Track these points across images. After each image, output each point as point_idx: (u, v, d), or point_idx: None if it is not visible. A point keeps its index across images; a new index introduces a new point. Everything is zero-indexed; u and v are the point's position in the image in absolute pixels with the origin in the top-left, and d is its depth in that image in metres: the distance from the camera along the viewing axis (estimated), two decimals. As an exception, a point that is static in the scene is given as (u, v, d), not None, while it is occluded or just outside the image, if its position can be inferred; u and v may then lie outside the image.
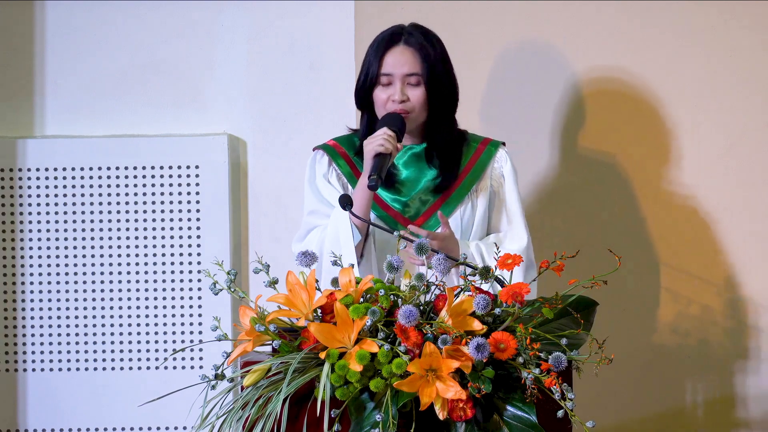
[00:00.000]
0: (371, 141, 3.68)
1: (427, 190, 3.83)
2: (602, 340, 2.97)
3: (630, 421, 4.56)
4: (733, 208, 4.54)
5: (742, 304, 4.55)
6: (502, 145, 3.90)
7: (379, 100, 3.78)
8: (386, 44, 3.79)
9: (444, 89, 3.79)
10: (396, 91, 3.76)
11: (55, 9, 4.74)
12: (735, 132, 4.55)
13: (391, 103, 3.76)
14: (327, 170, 3.86)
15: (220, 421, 3.00)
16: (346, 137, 3.91)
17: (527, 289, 2.98)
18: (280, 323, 3.05)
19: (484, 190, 3.86)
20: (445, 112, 3.82)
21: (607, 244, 4.48)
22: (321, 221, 3.78)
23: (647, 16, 4.55)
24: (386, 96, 3.77)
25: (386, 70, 3.77)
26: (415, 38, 3.79)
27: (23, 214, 4.70)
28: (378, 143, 3.66)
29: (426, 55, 3.77)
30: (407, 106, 3.76)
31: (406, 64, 3.77)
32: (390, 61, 3.78)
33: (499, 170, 3.88)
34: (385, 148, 3.66)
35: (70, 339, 4.70)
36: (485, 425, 2.97)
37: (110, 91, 4.75)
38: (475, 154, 3.87)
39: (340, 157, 3.86)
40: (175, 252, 4.69)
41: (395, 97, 3.76)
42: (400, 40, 3.80)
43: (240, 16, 4.71)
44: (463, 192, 3.84)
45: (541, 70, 4.57)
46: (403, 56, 3.78)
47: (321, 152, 3.88)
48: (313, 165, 3.88)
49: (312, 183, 3.86)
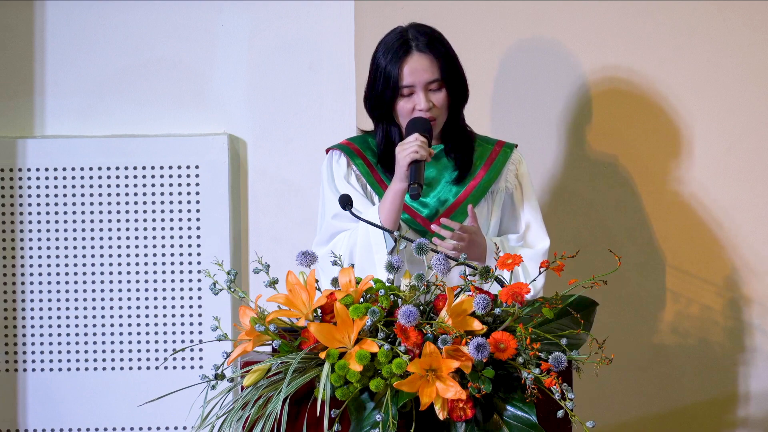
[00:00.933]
0: (405, 149, 3.67)
1: (445, 190, 3.83)
2: (602, 340, 2.97)
3: (630, 421, 4.56)
4: (734, 208, 4.54)
5: (742, 304, 4.55)
6: (515, 147, 3.91)
7: (404, 111, 3.77)
8: (400, 54, 3.77)
9: (460, 86, 3.81)
10: (421, 101, 3.75)
11: (55, 9, 4.74)
12: (736, 132, 4.55)
13: (417, 112, 3.76)
14: (346, 171, 3.84)
15: (220, 421, 3.00)
16: (360, 137, 3.90)
17: (527, 289, 2.98)
18: (280, 323, 3.05)
19: (499, 192, 3.87)
20: (459, 107, 3.83)
21: (609, 243, 4.48)
22: (346, 225, 3.76)
23: (652, 15, 4.54)
24: (411, 106, 3.76)
25: (407, 81, 3.75)
26: (424, 41, 3.78)
27: (23, 214, 4.70)
28: (413, 150, 3.65)
29: (440, 56, 3.76)
30: (434, 112, 3.76)
31: (425, 71, 3.76)
32: (408, 71, 3.75)
33: (515, 172, 3.88)
34: (420, 155, 3.65)
35: (70, 339, 4.70)
36: (485, 425, 2.97)
37: (110, 91, 4.75)
38: (491, 156, 3.88)
39: (358, 157, 3.84)
40: (175, 252, 4.69)
41: (422, 106, 3.75)
42: (411, 47, 3.78)
43: (240, 16, 4.71)
44: (481, 192, 3.84)
45: (545, 70, 4.57)
46: (420, 64, 3.76)
47: (339, 152, 3.86)
48: (330, 165, 3.86)
49: (331, 184, 3.84)
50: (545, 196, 4.56)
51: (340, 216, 3.76)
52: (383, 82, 3.75)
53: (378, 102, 3.77)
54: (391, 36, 3.80)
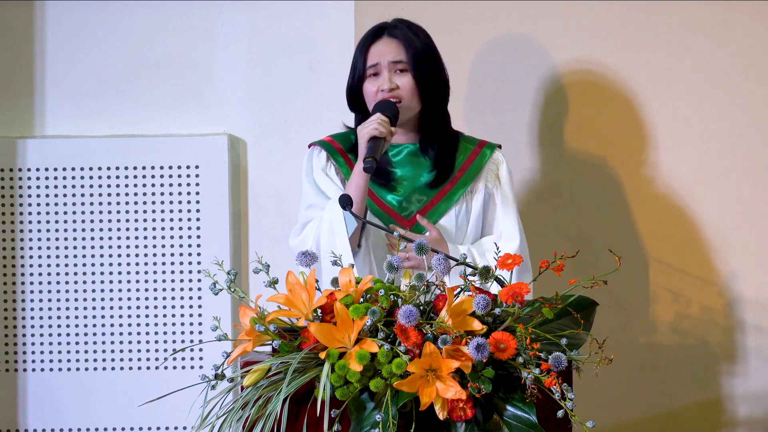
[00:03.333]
0: (365, 126, 3.71)
1: (422, 188, 3.84)
2: (602, 340, 2.97)
3: (629, 421, 4.56)
4: (734, 208, 4.54)
5: (742, 304, 4.55)
6: (498, 148, 3.91)
7: (369, 93, 3.80)
8: (371, 39, 3.82)
9: (432, 78, 3.81)
10: (384, 80, 3.78)
11: (55, 9, 4.74)
12: (736, 131, 4.55)
13: (380, 93, 3.78)
14: (325, 164, 3.88)
15: (220, 421, 3.00)
16: (342, 134, 3.93)
17: (527, 289, 2.98)
18: (280, 323, 3.05)
19: (479, 191, 3.87)
20: (437, 104, 3.83)
21: (608, 243, 4.48)
22: (318, 214, 3.79)
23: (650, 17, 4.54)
24: (375, 87, 3.79)
25: (372, 61, 3.80)
26: (398, 30, 3.82)
27: (23, 214, 4.70)
28: (372, 127, 3.68)
29: (410, 42, 3.79)
30: (397, 93, 3.78)
31: (390, 52, 3.80)
32: (374, 52, 3.81)
33: (495, 172, 3.89)
34: (379, 131, 3.67)
35: (70, 339, 4.70)
36: (485, 425, 2.97)
37: (110, 91, 4.75)
38: (471, 156, 3.89)
39: (338, 153, 3.87)
40: (175, 252, 4.69)
41: (384, 86, 3.78)
42: (383, 33, 3.83)
43: (240, 16, 4.71)
44: (458, 192, 3.85)
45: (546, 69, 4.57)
46: (387, 46, 3.81)
47: (318, 148, 3.90)
48: (310, 159, 3.89)
49: (309, 176, 3.87)
50: (546, 197, 4.56)
51: (313, 206, 3.81)
52: (353, 67, 3.80)
53: (351, 90, 3.82)
54: (372, 27, 3.85)
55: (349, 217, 3.66)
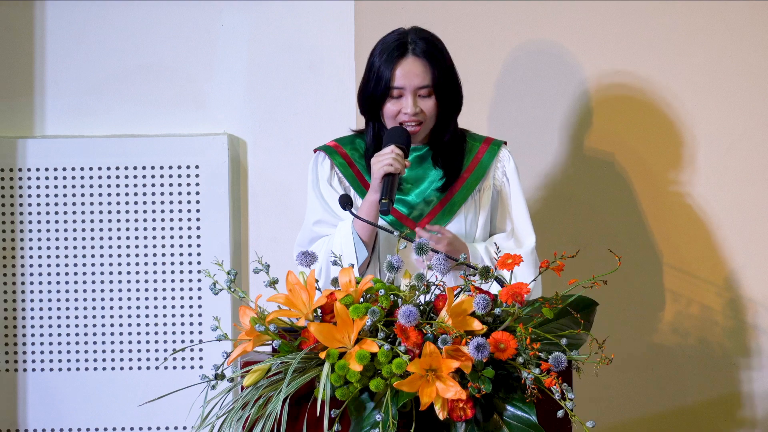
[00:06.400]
0: (379, 160, 3.67)
1: (431, 191, 3.83)
2: (602, 340, 2.97)
3: (630, 421, 4.56)
4: (734, 208, 4.54)
5: (742, 304, 4.55)
6: (504, 144, 3.90)
7: (390, 113, 3.76)
8: (395, 56, 3.77)
9: (452, 96, 3.79)
10: (408, 105, 3.74)
11: (55, 9, 4.74)
12: (736, 132, 4.55)
13: (402, 116, 3.75)
14: (330, 174, 3.84)
15: (220, 421, 3.00)
16: (348, 138, 3.90)
17: (527, 288, 2.98)
18: (280, 323, 3.05)
19: (487, 189, 3.86)
20: (451, 116, 3.82)
21: (609, 243, 4.48)
22: (327, 231, 3.77)
23: (652, 16, 4.55)
24: (397, 109, 3.75)
25: (398, 83, 3.75)
26: (421, 47, 3.77)
27: (23, 214, 4.70)
28: (386, 163, 3.65)
29: (435, 64, 3.75)
30: (420, 117, 3.76)
31: (417, 76, 3.75)
32: (400, 74, 3.75)
33: (502, 169, 3.88)
34: (394, 168, 3.65)
35: (70, 339, 4.70)
36: (485, 425, 2.97)
37: (110, 91, 4.75)
38: (477, 154, 3.87)
39: (342, 158, 3.85)
40: (175, 252, 4.69)
41: (408, 110, 3.74)
42: (407, 50, 3.77)
43: (240, 16, 4.71)
44: (467, 192, 3.84)
45: (546, 70, 4.57)
46: (413, 68, 3.75)
47: (322, 154, 3.86)
48: (315, 168, 3.86)
49: (315, 188, 3.84)
50: (544, 196, 4.56)
51: (321, 222, 3.79)
52: (375, 81, 3.75)
53: (368, 101, 3.78)
54: (390, 36, 3.80)
55: (360, 246, 3.66)
